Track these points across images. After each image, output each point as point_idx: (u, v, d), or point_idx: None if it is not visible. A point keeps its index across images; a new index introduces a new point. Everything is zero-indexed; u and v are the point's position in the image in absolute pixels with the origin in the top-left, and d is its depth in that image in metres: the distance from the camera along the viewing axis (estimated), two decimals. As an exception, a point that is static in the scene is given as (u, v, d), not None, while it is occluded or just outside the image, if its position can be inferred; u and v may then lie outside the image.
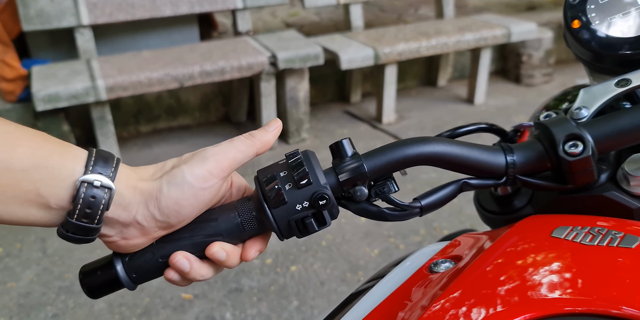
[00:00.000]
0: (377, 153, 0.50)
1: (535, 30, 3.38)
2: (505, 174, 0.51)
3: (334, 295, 1.98)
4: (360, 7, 3.38)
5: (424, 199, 0.51)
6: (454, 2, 3.68)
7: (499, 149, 0.52)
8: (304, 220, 0.48)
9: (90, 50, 2.89)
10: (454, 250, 0.49)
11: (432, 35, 3.16)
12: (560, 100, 0.78)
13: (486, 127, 0.58)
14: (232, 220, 0.49)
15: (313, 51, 2.84)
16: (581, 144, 0.49)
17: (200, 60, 2.70)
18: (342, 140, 0.50)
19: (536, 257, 0.39)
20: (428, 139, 0.50)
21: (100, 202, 0.45)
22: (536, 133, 0.53)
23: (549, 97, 0.80)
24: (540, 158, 0.51)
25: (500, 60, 3.95)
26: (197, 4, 3.02)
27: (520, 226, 0.47)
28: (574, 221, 0.46)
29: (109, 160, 0.47)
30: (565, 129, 0.50)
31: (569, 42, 0.58)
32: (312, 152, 0.50)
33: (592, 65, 0.58)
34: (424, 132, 3.18)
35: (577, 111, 0.53)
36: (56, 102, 2.47)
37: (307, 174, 0.47)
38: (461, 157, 0.50)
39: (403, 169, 0.51)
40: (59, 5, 2.77)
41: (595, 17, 0.55)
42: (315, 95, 3.43)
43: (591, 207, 0.51)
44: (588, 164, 0.49)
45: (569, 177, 0.50)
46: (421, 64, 3.76)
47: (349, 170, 0.49)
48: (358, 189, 0.49)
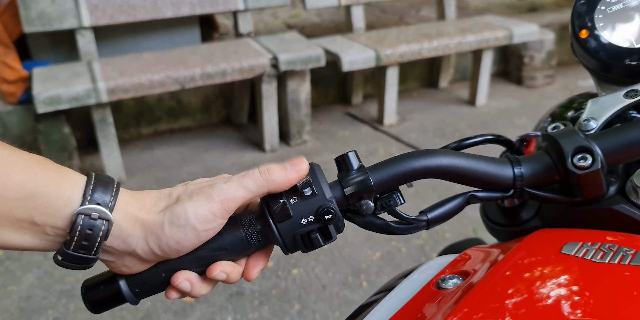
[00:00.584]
0: (384, 166, 0.49)
1: (537, 32, 3.37)
2: (512, 187, 0.50)
3: (335, 299, 1.97)
4: (361, 9, 3.37)
5: (430, 212, 0.50)
6: (455, 4, 3.67)
7: (506, 161, 0.51)
8: (309, 234, 0.47)
9: (92, 52, 2.88)
10: (462, 265, 0.48)
11: (434, 36, 3.15)
12: (566, 107, 0.77)
13: (493, 138, 0.57)
14: (236, 234, 0.49)
15: (314, 53, 2.83)
16: (590, 157, 0.48)
17: (201, 62, 2.69)
18: (348, 153, 0.50)
19: (546, 275, 0.38)
20: (435, 152, 0.50)
21: (97, 234, 0.43)
22: (544, 145, 0.52)
23: (555, 105, 0.80)
24: (549, 170, 0.50)
25: (501, 62, 3.94)
26: (198, 5, 3.01)
27: (529, 241, 0.46)
28: (583, 236, 0.45)
29: (109, 187, 0.45)
30: (574, 141, 0.49)
31: (577, 51, 0.57)
32: (317, 165, 0.50)
33: (599, 75, 0.57)
34: (426, 134, 3.17)
35: (586, 123, 0.52)
36: (57, 105, 2.46)
37: (312, 187, 0.47)
38: (468, 169, 0.49)
39: (409, 182, 0.50)
40: (60, 7, 2.76)
41: (603, 27, 0.55)
42: (316, 96, 3.42)
43: (600, 220, 0.50)
44: (597, 177, 0.48)
45: (577, 190, 0.49)
46: (423, 65, 3.75)
47: (355, 183, 0.48)
48: (364, 203, 0.48)
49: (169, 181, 2.76)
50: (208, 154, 3.03)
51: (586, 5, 0.56)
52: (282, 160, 3.07)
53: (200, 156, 3.01)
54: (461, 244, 0.81)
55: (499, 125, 3.27)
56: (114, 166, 2.72)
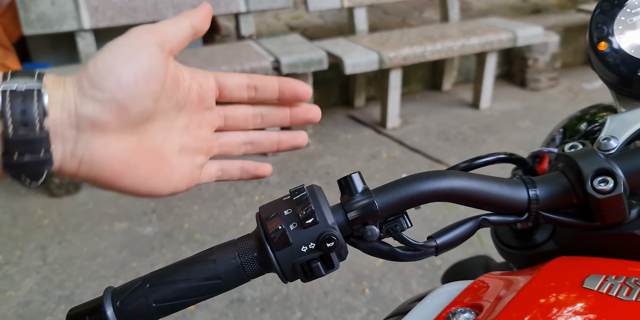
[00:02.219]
0: (390, 189, 0.46)
1: (541, 34, 3.34)
2: (527, 210, 0.47)
3: (338, 305, 1.94)
4: (364, 11, 3.34)
5: (439, 237, 0.47)
6: (458, 6, 3.64)
7: (520, 182, 0.48)
8: (310, 263, 0.44)
9: (92, 55, 2.86)
10: (474, 296, 0.45)
11: (437, 39, 3.12)
12: (579, 119, 0.74)
13: (505, 157, 0.54)
14: (231, 261, 0.46)
15: (317, 56, 2.81)
16: (612, 180, 0.45)
17: (203, 65, 2.66)
18: (352, 175, 0.47)
19: (568, 315, 0.36)
20: (444, 173, 0.47)
21: (32, 107, 0.36)
22: (561, 165, 0.49)
23: (567, 117, 0.77)
24: (566, 193, 0.47)
25: (505, 64, 3.91)
26: (199, 7, 2.98)
27: (547, 272, 0.43)
28: (606, 268, 0.42)
29: (29, 72, 0.38)
30: (594, 162, 0.46)
31: (595, 64, 0.54)
32: (318, 188, 0.47)
33: (619, 89, 0.54)
34: (429, 137, 3.15)
35: (606, 142, 0.48)
36: (57, 108, 2.43)
37: (313, 212, 0.44)
38: (481, 192, 0.46)
39: (417, 206, 0.47)
40: (60, 9, 2.74)
41: (624, 39, 0.51)
42: (318, 99, 3.40)
43: (620, 245, 0.47)
44: (619, 202, 0.45)
45: (597, 214, 0.46)
46: (426, 67, 3.72)
47: (359, 208, 0.45)
48: (369, 229, 0.45)
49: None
50: (209, 157, 3.00)
51: (605, 15, 0.53)
52: (284, 163, 3.01)
53: (202, 159, 2.98)
54: (468, 262, 0.78)
55: (502, 128, 3.24)
56: (114, 170, 2.69)
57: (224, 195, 2.63)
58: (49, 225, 2.45)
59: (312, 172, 2.81)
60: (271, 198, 2.59)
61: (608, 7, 0.53)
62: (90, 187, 2.74)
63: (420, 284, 2.01)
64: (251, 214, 2.47)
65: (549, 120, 3.34)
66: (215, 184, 2.73)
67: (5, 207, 2.59)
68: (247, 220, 2.42)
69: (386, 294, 1.98)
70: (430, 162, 2.89)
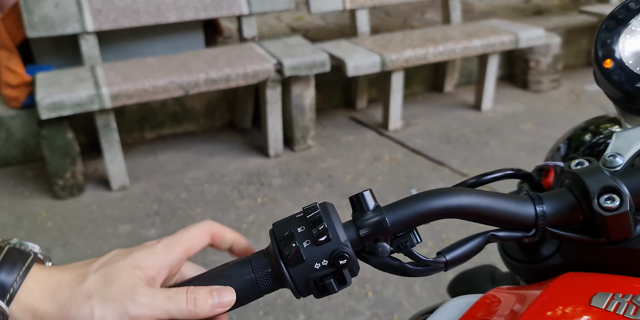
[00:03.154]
0: (400, 206, 0.47)
1: (543, 36, 3.34)
2: (534, 226, 0.48)
3: (341, 309, 1.95)
4: (366, 13, 3.35)
5: (448, 253, 0.48)
6: (460, 7, 3.65)
7: (527, 199, 0.49)
8: (323, 279, 0.45)
9: (95, 57, 2.87)
10: (483, 313, 0.46)
11: (439, 41, 3.12)
12: (584, 130, 0.74)
13: (512, 173, 0.55)
14: (245, 276, 0.47)
15: (319, 58, 2.81)
16: (617, 198, 0.46)
17: (205, 68, 2.67)
18: (364, 193, 0.48)
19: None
20: (453, 191, 0.48)
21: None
22: (567, 182, 0.50)
23: (571, 128, 0.77)
24: (572, 209, 0.48)
25: (507, 66, 3.91)
26: (202, 9, 2.99)
27: (555, 289, 0.44)
28: (613, 285, 0.43)
29: (17, 266, 0.41)
30: (600, 180, 0.46)
31: (600, 81, 0.55)
32: (331, 205, 0.48)
33: (623, 106, 0.54)
34: (431, 139, 3.15)
35: (611, 159, 0.49)
36: (60, 110, 2.44)
37: (326, 230, 0.45)
38: (489, 209, 0.47)
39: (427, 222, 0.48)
40: (63, 12, 2.75)
41: (629, 57, 0.52)
42: (320, 101, 3.40)
43: (625, 260, 0.48)
44: (625, 219, 0.46)
45: (603, 231, 0.47)
46: (428, 69, 3.73)
47: (370, 225, 0.46)
48: (380, 245, 0.46)
49: (173, 186, 2.74)
50: (212, 159, 3.01)
51: (610, 33, 0.53)
52: (286, 166, 3.02)
53: (204, 161, 2.99)
54: (474, 271, 0.78)
55: (504, 130, 3.24)
56: (118, 171, 2.70)
57: (227, 198, 2.64)
58: (52, 228, 2.46)
59: (314, 174, 2.82)
60: (274, 200, 2.60)
61: (613, 25, 0.53)
62: (94, 190, 2.75)
63: (424, 288, 2.02)
64: (254, 216, 2.48)
65: (551, 122, 3.35)
66: (218, 185, 2.74)
67: (9, 209, 2.60)
68: (250, 222, 2.43)
69: (389, 297, 1.99)
70: (433, 164, 2.89)
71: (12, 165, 2.93)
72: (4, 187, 2.77)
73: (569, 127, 0.76)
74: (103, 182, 2.79)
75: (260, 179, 2.80)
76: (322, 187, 2.70)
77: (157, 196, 2.67)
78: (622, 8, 0.53)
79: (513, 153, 3.00)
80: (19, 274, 0.41)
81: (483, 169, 2.81)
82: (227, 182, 2.78)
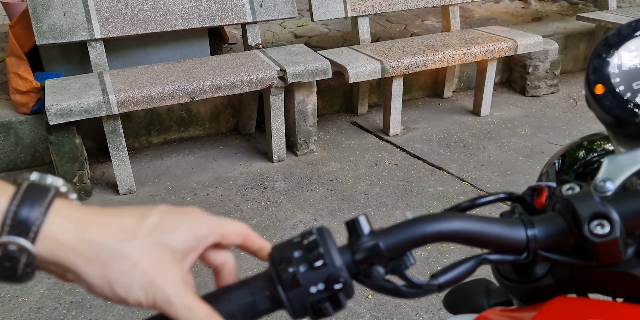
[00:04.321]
0: (395, 231, 0.49)
1: (541, 43, 3.40)
2: (526, 249, 0.49)
3: (341, 311, 2.00)
4: (367, 20, 3.41)
5: (441, 276, 0.50)
6: (460, 14, 3.70)
7: (519, 223, 0.51)
8: (319, 303, 0.47)
9: (102, 64, 2.94)
10: None
11: (439, 48, 3.19)
12: (578, 146, 0.75)
13: (505, 197, 0.56)
14: (244, 299, 0.48)
15: (321, 66, 2.88)
16: (608, 224, 0.47)
17: (210, 75, 2.74)
18: (359, 218, 0.50)
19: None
20: (446, 216, 0.50)
21: (17, 266, 0.37)
22: (558, 207, 0.52)
23: (566, 144, 0.78)
24: (563, 234, 0.49)
25: (505, 71, 3.97)
26: (207, 18, 3.06)
27: (547, 314, 0.45)
28: (604, 313, 0.45)
29: (38, 200, 0.38)
30: (590, 206, 0.47)
31: (591, 105, 0.56)
32: (327, 230, 0.50)
33: (615, 130, 0.56)
34: (430, 144, 3.21)
35: (602, 184, 0.49)
36: (68, 117, 2.51)
37: (322, 255, 0.46)
38: (481, 233, 0.49)
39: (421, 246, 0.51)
40: (71, 20, 2.81)
41: (620, 83, 0.53)
42: (322, 106, 3.47)
43: (616, 282, 0.50)
44: (615, 245, 0.47)
45: (594, 255, 0.48)
46: (427, 75, 3.79)
47: (365, 249, 0.48)
48: (374, 270, 0.48)
49: (179, 190, 2.81)
50: (217, 163, 3.08)
51: (602, 59, 0.54)
52: (289, 170, 3.06)
53: (210, 165, 3.06)
54: (469, 285, 0.81)
55: (502, 135, 3.30)
56: (124, 176, 2.77)
57: (231, 201, 2.70)
58: (61, 231, 2.52)
59: (316, 178, 2.88)
60: (277, 204, 2.66)
61: (605, 51, 0.54)
62: (100, 193, 2.81)
63: (422, 289, 2.08)
64: (257, 219, 2.54)
65: (548, 127, 3.41)
66: (222, 189, 2.81)
67: (18, 212, 2.66)
68: (254, 225, 2.49)
69: (388, 300, 2.05)
70: (432, 168, 2.95)
71: (21, 170, 3.00)
72: (14, 190, 2.83)
73: (567, 131, 0.79)
74: (110, 186, 2.85)
75: (264, 182, 2.86)
76: (324, 191, 2.76)
77: (164, 200, 2.74)
78: (614, 34, 0.54)
79: (511, 157, 3.06)
80: (40, 210, 0.38)
81: (481, 173, 2.88)
82: (232, 186, 2.84)
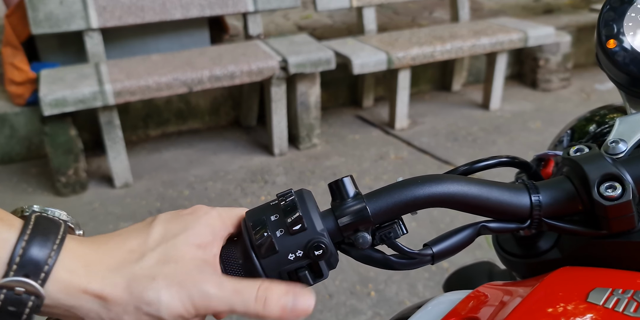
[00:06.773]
0: (383, 194, 0.44)
1: (552, 35, 3.29)
2: (529, 217, 0.45)
3: (342, 308, 1.92)
4: (373, 11, 3.31)
5: (436, 245, 0.44)
6: (469, 5, 3.60)
7: (522, 187, 0.45)
8: (297, 272, 0.42)
9: (99, 54, 2.86)
10: (472, 307, 0.43)
11: (447, 39, 3.09)
12: (588, 121, 0.71)
13: (508, 160, 0.51)
14: None
15: (325, 56, 2.78)
16: (619, 186, 0.42)
17: (209, 65, 2.65)
18: (343, 179, 0.44)
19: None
20: (441, 178, 0.44)
21: (23, 311, 0.34)
22: (565, 170, 0.47)
23: (575, 118, 0.74)
24: (570, 199, 0.44)
25: (516, 65, 3.87)
26: (207, 7, 2.97)
27: (549, 284, 0.40)
28: (612, 280, 0.39)
29: (49, 239, 0.35)
30: (600, 167, 0.43)
31: (603, 63, 0.51)
32: (307, 192, 0.45)
33: (628, 90, 0.51)
34: (438, 138, 3.11)
35: (614, 145, 0.46)
36: (63, 107, 2.43)
37: (301, 218, 0.42)
38: (480, 198, 0.44)
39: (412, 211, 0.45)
40: (68, 9, 2.74)
41: (634, 36, 0.48)
42: (326, 99, 3.37)
43: (628, 254, 0.45)
44: (628, 209, 0.42)
45: (604, 222, 0.43)
46: (435, 68, 3.69)
47: (350, 213, 0.43)
48: (360, 236, 0.43)
49: (176, 184, 2.72)
50: (216, 156, 2.99)
51: (614, 12, 0.50)
52: (290, 164, 2.99)
53: (209, 159, 2.97)
54: (471, 268, 0.75)
55: (512, 129, 3.20)
56: (121, 169, 2.69)
57: (230, 196, 2.62)
58: (54, 225, 2.45)
59: (319, 172, 2.79)
60: (277, 199, 2.57)
61: (617, 4, 0.49)
62: (96, 187, 2.73)
63: (427, 287, 1.98)
64: (257, 214, 2.46)
65: (560, 121, 3.30)
66: (221, 183, 2.72)
67: (11, 205, 2.57)
68: (253, 221, 2.41)
69: (392, 297, 1.96)
70: (439, 163, 2.85)
71: (16, 162, 2.93)
72: (8, 183, 2.76)
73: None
74: (106, 180, 2.77)
75: (264, 176, 2.78)
76: (327, 185, 2.67)
77: (160, 193, 2.65)
78: None
79: (521, 152, 2.96)
80: (52, 248, 0.35)
81: (490, 168, 2.78)
82: (231, 180, 2.75)
